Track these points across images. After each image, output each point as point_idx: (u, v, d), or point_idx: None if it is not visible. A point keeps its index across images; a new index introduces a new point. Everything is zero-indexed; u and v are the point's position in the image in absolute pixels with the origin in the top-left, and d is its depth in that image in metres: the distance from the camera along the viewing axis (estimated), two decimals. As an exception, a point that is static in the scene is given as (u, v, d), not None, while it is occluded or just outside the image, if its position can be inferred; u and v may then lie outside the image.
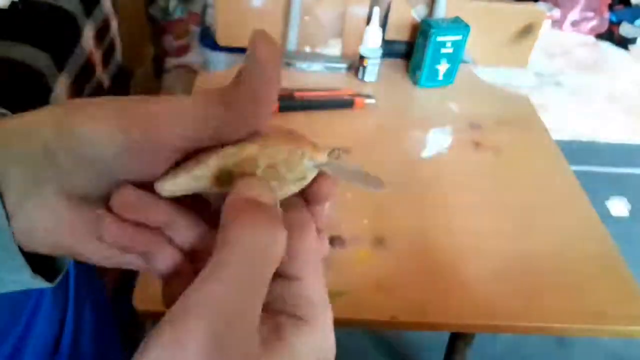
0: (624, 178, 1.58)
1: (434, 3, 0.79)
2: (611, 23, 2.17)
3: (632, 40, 2.14)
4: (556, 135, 0.76)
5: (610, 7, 2.18)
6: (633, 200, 1.50)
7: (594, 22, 2.17)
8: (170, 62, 1.86)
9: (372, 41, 0.83)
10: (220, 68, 1.36)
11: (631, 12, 2.15)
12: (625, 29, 2.13)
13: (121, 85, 1.06)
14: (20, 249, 0.24)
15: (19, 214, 0.23)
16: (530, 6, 0.81)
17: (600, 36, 2.19)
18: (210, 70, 1.37)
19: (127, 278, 0.68)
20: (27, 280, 0.25)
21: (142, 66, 1.36)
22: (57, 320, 0.52)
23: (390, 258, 0.59)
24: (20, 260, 0.24)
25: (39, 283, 0.26)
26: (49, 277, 0.27)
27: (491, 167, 0.72)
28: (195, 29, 1.62)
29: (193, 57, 1.49)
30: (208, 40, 1.42)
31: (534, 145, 0.77)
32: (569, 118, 1.53)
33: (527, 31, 0.81)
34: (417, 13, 0.83)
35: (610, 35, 2.17)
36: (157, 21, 1.75)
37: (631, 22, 2.12)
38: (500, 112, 0.80)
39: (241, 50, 1.15)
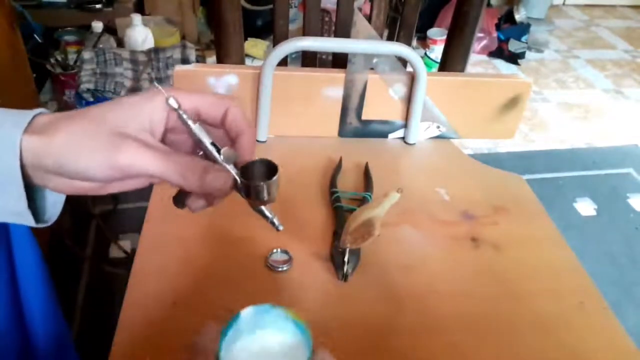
0: (588, 180, 1.70)
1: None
2: (500, 41, 2.30)
3: (521, 55, 2.29)
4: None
5: (498, 26, 2.31)
6: (597, 200, 1.62)
7: (485, 42, 2.29)
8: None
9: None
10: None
11: (517, 29, 2.29)
12: (513, 45, 2.27)
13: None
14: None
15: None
16: (514, 78, 0.77)
17: (492, 54, 2.31)
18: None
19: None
20: (21, 210, 0.34)
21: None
22: None
23: None
24: (21, 190, 0.33)
25: (29, 219, 0.35)
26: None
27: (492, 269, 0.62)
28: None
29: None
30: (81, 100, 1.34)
31: (537, 236, 0.69)
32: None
33: (514, 103, 0.76)
34: (395, 92, 0.75)
35: (501, 52, 2.30)
36: (56, 74, 1.51)
37: (518, 38, 2.27)
38: (494, 197, 0.72)
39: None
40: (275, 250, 0.57)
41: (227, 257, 0.57)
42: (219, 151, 0.37)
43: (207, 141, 0.37)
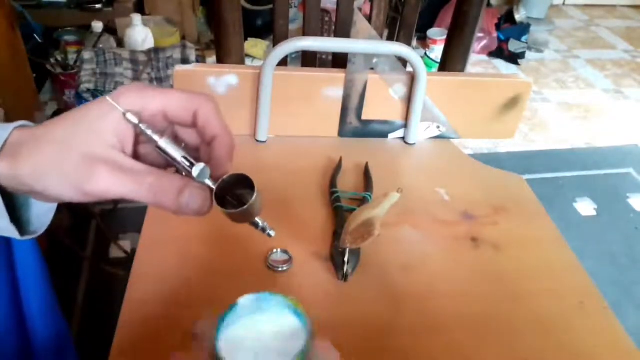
0: (588, 180, 1.71)
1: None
2: (500, 41, 2.29)
3: (521, 55, 2.28)
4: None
5: (498, 26, 2.31)
6: (597, 200, 1.62)
7: (485, 42, 2.29)
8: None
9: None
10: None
11: (517, 29, 2.29)
12: (513, 45, 2.27)
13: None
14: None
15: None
16: (514, 78, 0.77)
17: (492, 54, 2.31)
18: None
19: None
20: (4, 226, 0.34)
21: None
22: None
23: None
24: (1, 207, 0.33)
25: (13, 232, 0.35)
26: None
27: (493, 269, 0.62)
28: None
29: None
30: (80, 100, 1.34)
31: (537, 236, 0.69)
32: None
33: (514, 103, 0.76)
34: (395, 92, 0.75)
35: (501, 52, 2.30)
36: (56, 74, 1.51)
37: (518, 38, 2.27)
38: (494, 197, 0.72)
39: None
40: (275, 250, 0.57)
41: (227, 257, 0.57)
42: (192, 165, 0.33)
43: (177, 156, 0.33)
